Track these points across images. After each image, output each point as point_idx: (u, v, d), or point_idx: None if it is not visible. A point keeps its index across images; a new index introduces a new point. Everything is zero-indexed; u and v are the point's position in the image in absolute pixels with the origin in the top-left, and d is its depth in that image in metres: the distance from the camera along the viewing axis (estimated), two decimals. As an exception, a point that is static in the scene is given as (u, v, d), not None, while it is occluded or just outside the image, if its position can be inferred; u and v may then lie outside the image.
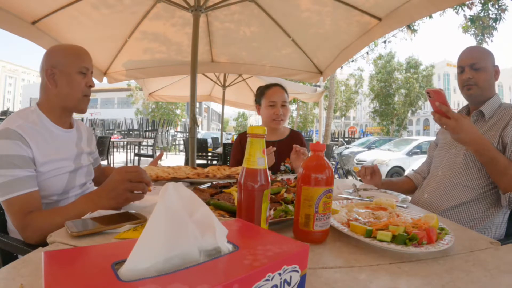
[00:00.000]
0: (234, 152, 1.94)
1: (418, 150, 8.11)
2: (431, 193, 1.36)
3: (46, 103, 1.10)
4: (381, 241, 0.68)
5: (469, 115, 1.41)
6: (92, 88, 1.15)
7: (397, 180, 1.62)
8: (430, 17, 8.01)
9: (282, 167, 1.82)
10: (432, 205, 1.33)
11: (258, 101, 1.91)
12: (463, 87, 1.35)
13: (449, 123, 1.10)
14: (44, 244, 0.72)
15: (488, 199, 1.24)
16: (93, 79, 1.22)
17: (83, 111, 1.17)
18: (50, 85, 1.07)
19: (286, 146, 1.84)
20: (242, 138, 1.93)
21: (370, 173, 1.43)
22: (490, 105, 1.31)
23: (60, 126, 1.12)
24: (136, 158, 7.39)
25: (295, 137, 1.92)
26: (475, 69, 1.30)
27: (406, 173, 6.99)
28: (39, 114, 1.07)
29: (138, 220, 0.77)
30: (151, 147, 7.82)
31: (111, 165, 6.11)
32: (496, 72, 1.33)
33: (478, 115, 1.34)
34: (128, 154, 7.86)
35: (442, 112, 1.11)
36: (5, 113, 7.45)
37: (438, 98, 1.11)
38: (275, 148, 1.68)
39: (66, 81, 1.08)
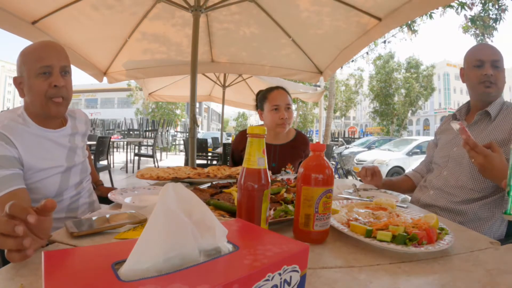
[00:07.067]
0: (232, 153, 1.87)
1: (418, 150, 8.11)
2: (437, 190, 1.34)
3: (29, 108, 1.06)
4: (381, 241, 0.68)
5: (469, 114, 1.40)
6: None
7: (396, 180, 1.61)
8: (431, 17, 8.03)
9: (282, 173, 1.72)
10: (439, 198, 1.31)
11: (260, 106, 1.78)
12: (480, 83, 1.25)
13: (477, 159, 1.00)
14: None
15: (494, 202, 1.22)
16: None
17: (56, 115, 1.05)
18: (20, 95, 1.03)
19: (289, 149, 1.79)
20: (243, 138, 1.86)
21: (370, 174, 1.43)
22: (496, 106, 1.26)
23: (48, 128, 1.07)
24: (136, 158, 7.39)
25: (300, 141, 1.81)
26: (496, 66, 1.23)
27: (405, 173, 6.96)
28: (25, 118, 1.03)
29: (138, 220, 0.77)
30: (151, 147, 7.82)
31: (112, 166, 6.10)
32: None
33: (483, 115, 1.29)
34: (128, 154, 7.86)
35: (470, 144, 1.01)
36: (5, 113, 7.41)
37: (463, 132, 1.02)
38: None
39: (28, 88, 1.00)
